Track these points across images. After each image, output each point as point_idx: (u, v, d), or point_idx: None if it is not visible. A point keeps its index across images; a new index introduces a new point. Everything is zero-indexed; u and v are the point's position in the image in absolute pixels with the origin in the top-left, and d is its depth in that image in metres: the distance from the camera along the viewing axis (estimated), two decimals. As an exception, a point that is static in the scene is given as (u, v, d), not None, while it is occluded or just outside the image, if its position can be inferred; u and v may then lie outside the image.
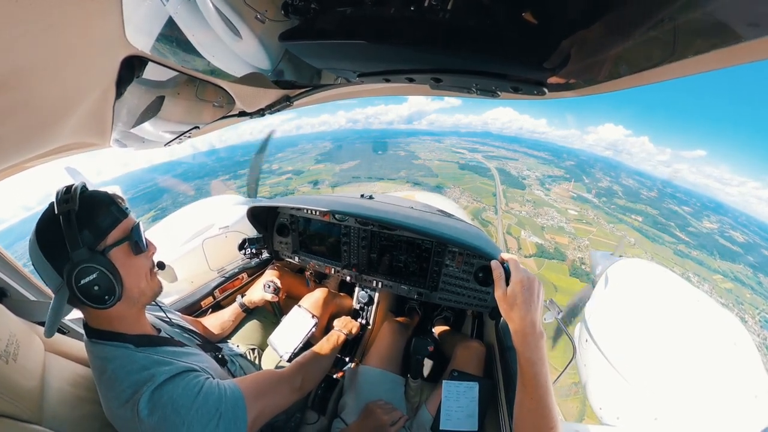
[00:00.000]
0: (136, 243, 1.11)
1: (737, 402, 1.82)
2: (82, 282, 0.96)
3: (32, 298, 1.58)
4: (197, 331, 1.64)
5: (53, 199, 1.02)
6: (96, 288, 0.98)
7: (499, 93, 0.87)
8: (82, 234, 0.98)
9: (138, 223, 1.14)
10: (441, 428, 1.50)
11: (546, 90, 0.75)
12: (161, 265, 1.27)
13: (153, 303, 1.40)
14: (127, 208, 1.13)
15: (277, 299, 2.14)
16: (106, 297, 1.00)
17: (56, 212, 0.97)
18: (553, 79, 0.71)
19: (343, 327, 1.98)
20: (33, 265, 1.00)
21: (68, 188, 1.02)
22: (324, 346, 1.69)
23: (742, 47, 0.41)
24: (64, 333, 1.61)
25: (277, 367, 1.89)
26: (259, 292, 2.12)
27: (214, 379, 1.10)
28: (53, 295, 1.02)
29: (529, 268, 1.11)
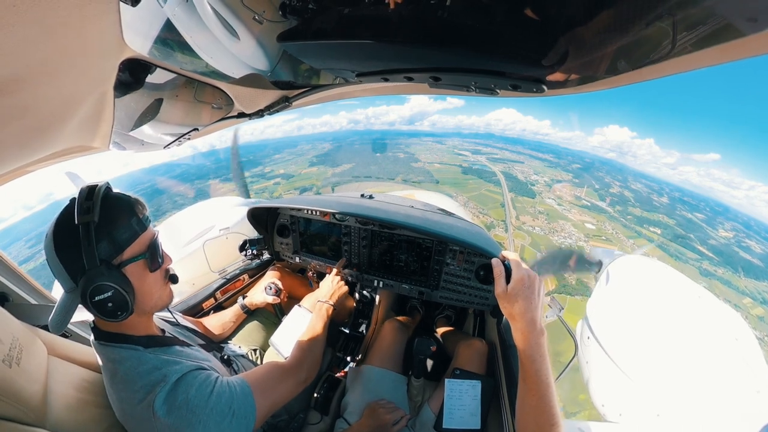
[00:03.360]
0: (153, 259, 1.10)
1: (739, 397, 1.82)
2: (96, 298, 0.96)
3: (34, 301, 1.58)
4: (199, 331, 1.65)
5: (75, 197, 0.99)
6: (110, 304, 0.98)
7: (498, 91, 0.86)
8: (99, 246, 0.97)
9: (156, 237, 1.12)
10: (444, 427, 1.51)
11: (545, 87, 0.75)
12: (174, 279, 1.25)
13: None
14: (147, 218, 1.11)
15: (278, 301, 2.14)
16: (119, 312, 1.01)
17: (76, 222, 0.95)
18: (552, 77, 0.71)
19: (329, 298, 1.85)
20: (47, 261, 0.99)
21: (90, 193, 0.98)
22: (316, 325, 1.66)
23: (741, 42, 0.41)
24: (67, 336, 1.61)
25: None
26: (260, 294, 2.12)
27: (222, 376, 1.11)
28: (58, 295, 1.02)
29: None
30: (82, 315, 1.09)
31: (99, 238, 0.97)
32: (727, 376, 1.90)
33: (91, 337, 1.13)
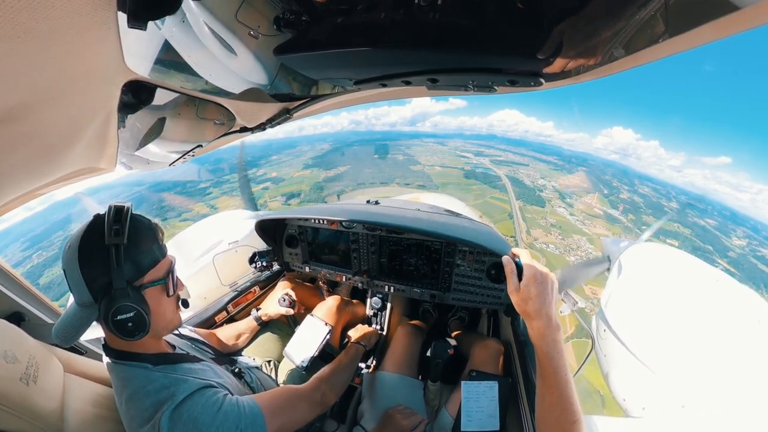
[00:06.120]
0: (171, 284, 1.14)
1: (765, 381, 1.76)
2: (119, 317, 0.98)
3: (49, 321, 1.61)
4: (211, 344, 1.66)
5: (99, 213, 1.03)
6: (130, 324, 1.00)
7: (496, 88, 0.86)
8: (124, 268, 1.00)
9: (173, 265, 1.17)
10: (462, 429, 1.49)
11: (543, 80, 0.75)
12: (185, 304, 1.28)
13: None
14: (165, 245, 1.15)
15: (293, 312, 2.14)
16: (136, 332, 1.03)
17: (106, 242, 0.98)
18: (548, 69, 0.71)
19: (361, 338, 1.96)
20: (64, 271, 1.01)
21: (118, 214, 1.02)
22: (343, 359, 1.68)
23: (735, 16, 0.40)
24: (82, 354, 1.64)
25: (292, 376, 1.89)
26: (274, 306, 2.13)
27: (232, 395, 1.11)
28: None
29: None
30: (96, 332, 1.11)
31: (125, 260, 1.00)
32: (752, 360, 1.84)
33: (103, 355, 1.14)
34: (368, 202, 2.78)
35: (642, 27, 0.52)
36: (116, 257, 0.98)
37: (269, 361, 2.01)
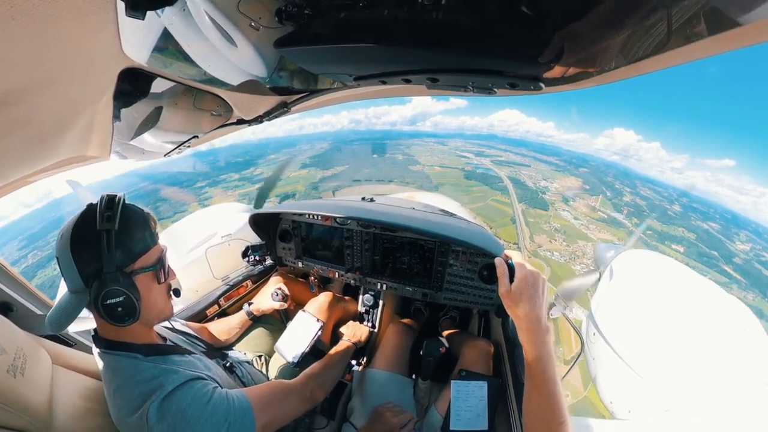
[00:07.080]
0: (161, 272, 1.15)
1: (749, 389, 1.80)
2: (109, 302, 0.99)
3: (38, 311, 1.58)
4: (202, 338, 1.65)
5: (92, 203, 1.05)
6: (119, 309, 1.01)
7: (495, 90, 0.87)
8: (115, 254, 1.02)
9: (164, 252, 1.18)
10: (451, 429, 1.50)
11: (543, 85, 0.75)
12: (177, 293, 1.29)
13: None
14: (157, 234, 1.16)
15: (285, 307, 2.14)
16: (126, 318, 1.03)
17: (97, 228, 0.99)
18: (549, 73, 0.71)
19: (352, 336, 1.97)
20: (57, 259, 1.02)
21: (110, 202, 1.04)
22: (333, 355, 1.68)
23: (736, 32, 0.41)
24: (70, 345, 1.62)
25: (283, 371, 1.89)
26: (267, 300, 2.12)
27: (222, 388, 1.11)
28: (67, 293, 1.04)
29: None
30: (85, 324, 1.10)
31: (116, 246, 1.01)
32: (736, 368, 1.88)
33: (93, 346, 1.13)
34: (363, 199, 2.78)
35: (644, 38, 0.53)
36: (107, 243, 0.99)
37: (260, 356, 2.00)
